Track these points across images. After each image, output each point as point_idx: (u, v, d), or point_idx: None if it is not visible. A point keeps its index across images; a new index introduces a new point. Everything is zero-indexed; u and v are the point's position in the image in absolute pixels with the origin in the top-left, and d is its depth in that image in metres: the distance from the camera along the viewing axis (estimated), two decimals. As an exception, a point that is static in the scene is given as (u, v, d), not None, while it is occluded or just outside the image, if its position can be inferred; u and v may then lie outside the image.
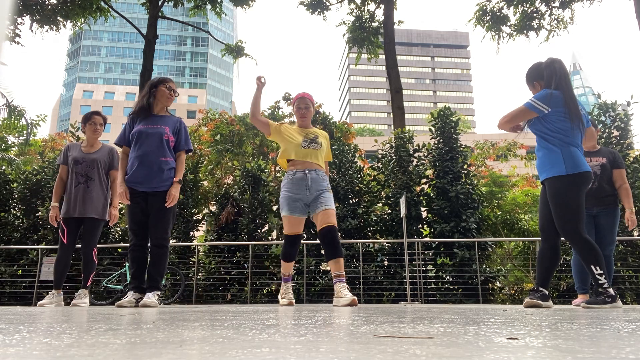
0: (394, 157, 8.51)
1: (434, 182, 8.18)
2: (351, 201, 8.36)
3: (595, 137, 4.65)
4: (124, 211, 8.60)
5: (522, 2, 15.32)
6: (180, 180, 3.89)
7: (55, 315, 2.15)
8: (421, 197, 8.24)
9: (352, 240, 7.74)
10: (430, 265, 7.98)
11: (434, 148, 8.48)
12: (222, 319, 1.63)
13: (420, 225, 8.19)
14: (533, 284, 8.12)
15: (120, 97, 76.17)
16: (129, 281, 5.72)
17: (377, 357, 0.61)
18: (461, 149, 8.34)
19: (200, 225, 9.49)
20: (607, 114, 8.02)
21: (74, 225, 4.54)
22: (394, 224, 8.08)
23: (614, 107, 8.03)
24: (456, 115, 8.66)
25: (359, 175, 8.59)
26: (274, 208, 8.93)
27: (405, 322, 1.42)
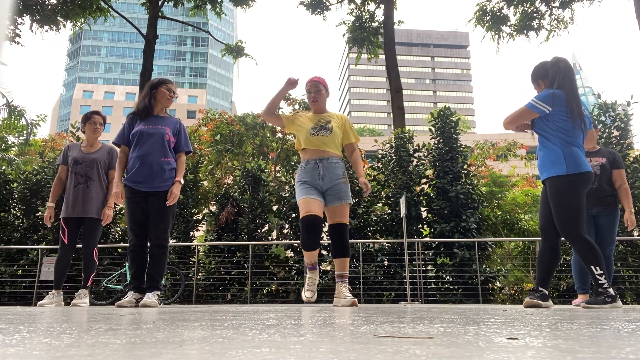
0: (394, 157, 8.51)
1: (434, 182, 8.18)
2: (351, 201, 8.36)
3: (595, 138, 4.66)
4: (124, 211, 8.60)
5: (522, 2, 15.32)
6: (182, 181, 3.91)
7: (55, 315, 2.14)
8: (421, 197, 8.24)
9: (352, 240, 7.74)
10: (430, 265, 7.99)
11: (434, 148, 8.48)
12: (222, 319, 1.63)
13: (420, 225, 8.19)
14: (533, 284, 8.11)
15: (120, 97, 76.19)
16: (129, 281, 5.72)
17: (377, 357, 0.61)
18: (461, 149, 8.34)
19: (200, 225, 9.49)
20: (607, 114, 8.02)
21: (74, 225, 4.55)
22: (394, 224, 8.08)
23: (614, 107, 8.04)
24: (456, 115, 8.67)
25: (359, 175, 8.59)
26: (274, 208, 8.93)
27: (405, 322, 1.42)
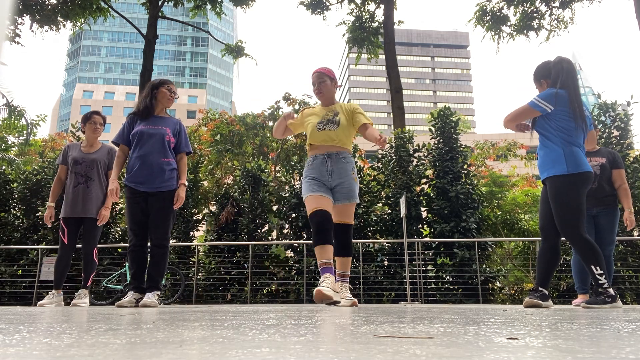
0: (394, 157, 8.51)
1: (434, 182, 8.18)
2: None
3: (595, 139, 4.66)
4: (124, 211, 8.60)
5: (522, 2, 15.32)
6: (186, 183, 3.92)
7: (55, 315, 2.15)
8: (421, 197, 8.24)
9: (352, 240, 7.73)
10: (430, 265, 7.99)
11: (434, 148, 8.48)
12: (222, 319, 1.63)
13: (420, 225, 8.19)
14: (533, 284, 8.11)
15: (120, 97, 76.19)
16: (129, 281, 5.72)
17: (377, 357, 0.61)
18: (461, 149, 8.34)
19: (200, 225, 9.49)
20: (607, 114, 8.02)
21: (74, 225, 4.54)
22: (394, 224, 8.08)
23: (614, 107, 8.04)
24: (456, 115, 8.67)
25: (359, 175, 8.59)
26: (274, 208, 8.93)
27: (405, 322, 1.42)
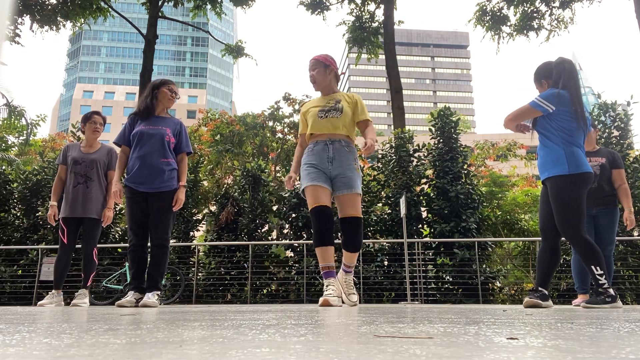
0: (394, 157, 8.51)
1: (434, 182, 8.18)
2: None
3: (594, 140, 4.67)
4: (124, 211, 8.60)
5: (522, 2, 15.32)
6: (185, 184, 3.92)
7: (55, 315, 2.15)
8: (421, 197, 8.24)
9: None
10: (430, 265, 7.99)
11: (434, 148, 8.48)
12: (222, 319, 1.63)
13: (420, 225, 8.19)
14: (533, 284, 8.11)
15: (120, 97, 76.18)
16: (129, 281, 5.72)
17: (377, 357, 0.61)
18: (461, 149, 8.34)
19: (200, 225, 9.49)
20: (607, 114, 8.02)
21: (74, 225, 4.55)
22: (394, 224, 8.08)
23: (614, 107, 8.04)
24: (456, 115, 8.67)
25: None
26: (274, 208, 8.93)
27: (405, 322, 1.42)
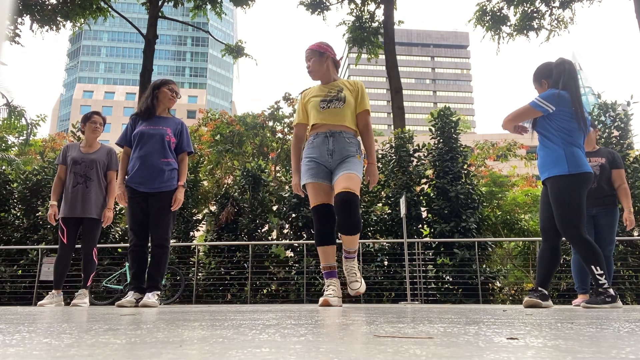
0: (394, 157, 8.51)
1: (434, 182, 8.18)
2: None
3: (594, 140, 4.67)
4: (124, 211, 8.61)
5: (522, 2, 15.32)
6: (185, 184, 3.91)
7: (55, 315, 2.15)
8: (421, 197, 8.24)
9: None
10: (430, 265, 7.99)
11: (434, 148, 8.48)
12: (222, 319, 1.63)
13: (420, 225, 8.19)
14: (533, 284, 8.11)
15: (120, 97, 76.18)
16: (129, 281, 5.72)
17: (377, 357, 0.61)
18: (461, 149, 8.34)
19: (200, 225, 9.49)
20: (607, 114, 8.03)
21: (74, 225, 4.54)
22: (394, 224, 8.08)
23: (614, 107, 8.04)
24: (456, 115, 8.67)
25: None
26: (274, 208, 8.93)
27: (405, 322, 1.42)
